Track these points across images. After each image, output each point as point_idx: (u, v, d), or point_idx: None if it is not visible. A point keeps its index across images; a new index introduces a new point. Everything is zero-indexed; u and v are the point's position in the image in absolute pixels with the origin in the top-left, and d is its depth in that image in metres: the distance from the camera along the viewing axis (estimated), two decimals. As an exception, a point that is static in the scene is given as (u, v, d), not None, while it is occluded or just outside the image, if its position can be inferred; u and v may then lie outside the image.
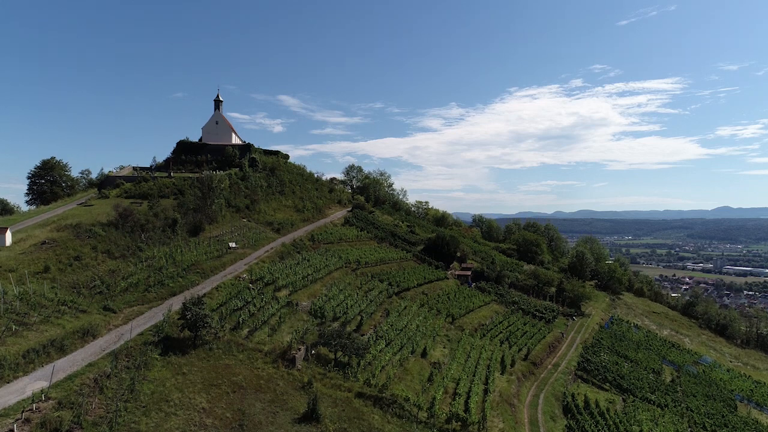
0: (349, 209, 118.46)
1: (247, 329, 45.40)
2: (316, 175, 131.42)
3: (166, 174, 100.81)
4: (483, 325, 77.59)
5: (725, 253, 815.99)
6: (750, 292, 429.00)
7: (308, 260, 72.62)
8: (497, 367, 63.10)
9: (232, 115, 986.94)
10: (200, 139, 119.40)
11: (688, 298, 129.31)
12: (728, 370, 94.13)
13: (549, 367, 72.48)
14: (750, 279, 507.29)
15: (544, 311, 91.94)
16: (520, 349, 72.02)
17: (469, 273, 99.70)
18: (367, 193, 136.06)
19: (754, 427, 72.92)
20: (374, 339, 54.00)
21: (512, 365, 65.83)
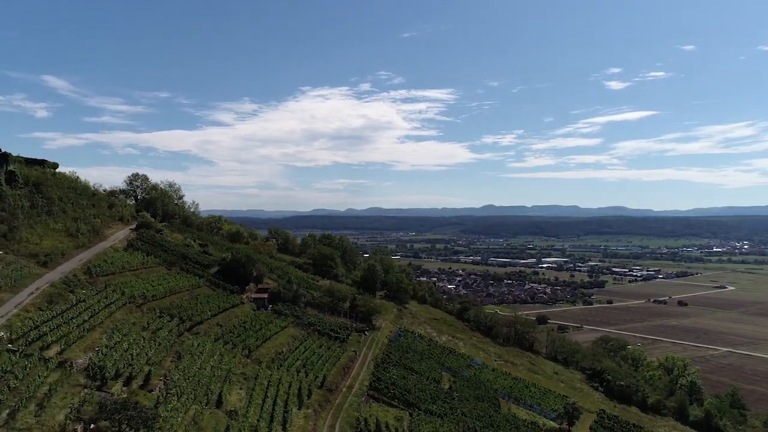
0: (133, 227, 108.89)
1: (8, 410, 38.90)
2: (93, 188, 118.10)
3: None
4: (280, 354, 77.65)
5: (490, 247, 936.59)
6: (509, 281, 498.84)
7: (84, 301, 64.88)
8: (295, 402, 63.74)
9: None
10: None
11: (459, 304, 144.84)
12: (493, 370, 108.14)
13: (344, 390, 75.34)
14: (509, 269, 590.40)
15: (338, 330, 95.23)
16: (316, 377, 73.63)
17: (265, 295, 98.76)
18: (155, 208, 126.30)
19: (513, 422, 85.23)
20: (165, 394, 50.48)
21: (309, 396, 67.05)
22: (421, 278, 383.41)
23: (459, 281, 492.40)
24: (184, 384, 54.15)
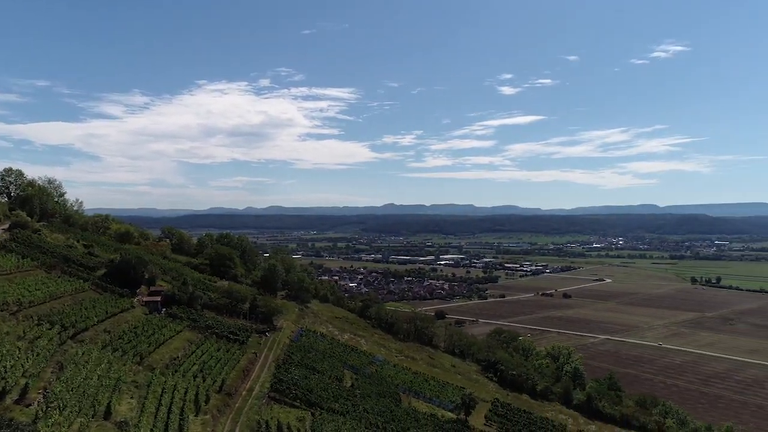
0: (6, 227, 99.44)
1: None
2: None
3: None
4: (175, 360, 74.16)
5: (391, 245, 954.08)
6: (409, 278, 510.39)
7: (-53, 310, 58.18)
8: (191, 408, 61.12)
9: None
10: None
11: (361, 302, 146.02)
12: (394, 366, 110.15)
13: (244, 393, 73.41)
14: (409, 266, 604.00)
15: (238, 332, 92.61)
16: (214, 381, 71.06)
17: (158, 298, 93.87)
18: (31, 206, 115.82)
19: (413, 415, 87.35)
20: (45, 408, 46.41)
21: (207, 401, 64.59)
22: (323, 277, 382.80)
23: (361, 279, 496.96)
24: (67, 396, 50.11)
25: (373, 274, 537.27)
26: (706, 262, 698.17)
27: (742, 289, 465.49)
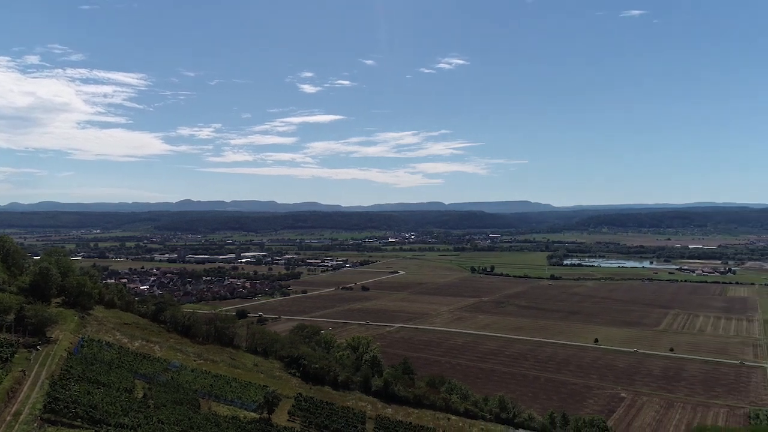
0: None
1: None
2: None
3: None
4: None
5: (187, 243, 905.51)
6: (208, 278, 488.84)
7: None
8: (-66, 445, 50.62)
9: None
10: None
11: (154, 305, 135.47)
12: (192, 370, 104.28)
13: (8, 419, 63.08)
14: (208, 265, 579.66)
15: (0, 348, 79.25)
16: (-33, 409, 59.85)
17: None
18: None
19: (213, 420, 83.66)
20: None
21: (-43, 434, 54.10)
22: (110, 280, 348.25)
23: (153, 281, 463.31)
24: None
25: (168, 275, 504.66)
26: (483, 253, 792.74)
27: (510, 276, 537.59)
